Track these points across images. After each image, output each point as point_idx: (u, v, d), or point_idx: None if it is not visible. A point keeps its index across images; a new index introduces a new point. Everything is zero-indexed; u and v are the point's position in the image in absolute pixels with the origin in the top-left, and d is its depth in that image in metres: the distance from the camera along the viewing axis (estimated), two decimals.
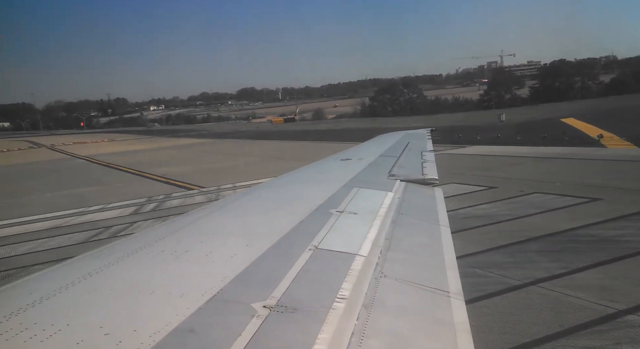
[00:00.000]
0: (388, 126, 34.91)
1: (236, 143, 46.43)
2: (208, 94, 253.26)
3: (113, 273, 2.13)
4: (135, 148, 48.28)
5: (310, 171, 5.74)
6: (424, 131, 9.37)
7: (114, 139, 71.12)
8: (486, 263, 7.09)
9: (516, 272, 6.64)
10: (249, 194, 4.19)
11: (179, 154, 37.79)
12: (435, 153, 6.52)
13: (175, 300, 1.79)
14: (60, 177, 26.71)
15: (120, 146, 53.77)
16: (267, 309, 1.73)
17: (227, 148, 40.67)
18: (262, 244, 2.46)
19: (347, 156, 6.37)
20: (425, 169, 5.12)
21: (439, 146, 21.71)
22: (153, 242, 2.54)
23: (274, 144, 41.51)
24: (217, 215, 3.41)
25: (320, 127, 60.24)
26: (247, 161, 28.00)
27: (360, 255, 2.40)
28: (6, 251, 10.47)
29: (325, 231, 2.74)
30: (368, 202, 3.58)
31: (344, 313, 1.77)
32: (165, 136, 69.25)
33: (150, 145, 51.91)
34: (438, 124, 35.73)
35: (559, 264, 6.82)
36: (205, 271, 2.15)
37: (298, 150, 32.35)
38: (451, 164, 17.36)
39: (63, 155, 46.71)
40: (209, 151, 38.08)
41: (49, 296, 1.82)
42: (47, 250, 10.24)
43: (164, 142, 55.94)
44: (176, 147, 45.41)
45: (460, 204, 10.86)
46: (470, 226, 9.07)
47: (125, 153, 41.76)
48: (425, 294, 2.16)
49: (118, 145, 56.74)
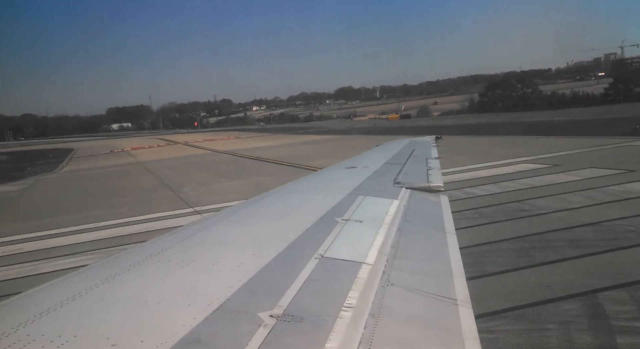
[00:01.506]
0: (525, 120, 33.43)
1: (369, 139, 42.51)
2: (307, 93, 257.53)
3: (120, 283, 2.13)
4: (269, 144, 46.34)
5: (315, 179, 5.74)
6: (429, 138, 9.36)
7: (239, 136, 70.65)
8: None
9: None
10: (254, 203, 4.19)
11: (319, 148, 35.99)
12: (616, 146, 6.22)
13: (181, 310, 1.79)
14: (228, 169, 26.44)
15: (252, 142, 52.20)
16: (273, 319, 1.72)
17: (364, 143, 36.95)
18: (268, 253, 2.46)
19: (352, 164, 6.37)
20: (430, 177, 5.10)
21: (617, 138, 20.77)
22: (159, 252, 2.54)
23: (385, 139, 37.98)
24: (223, 224, 3.41)
25: (446, 123, 55.63)
26: None
27: (367, 263, 2.39)
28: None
29: (331, 240, 2.73)
30: (374, 210, 3.57)
31: (351, 322, 1.76)
32: (286, 133, 67.38)
33: (280, 141, 49.79)
34: (581, 118, 34.23)
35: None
36: (211, 280, 2.15)
37: (465, 144, 28.39)
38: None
39: (204, 150, 46.38)
40: (347, 146, 35.22)
41: (56, 307, 1.82)
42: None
43: (290, 138, 53.60)
44: (310, 143, 43.04)
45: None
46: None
47: (264, 148, 40.29)
48: (432, 302, 2.14)
49: (248, 141, 55.36)
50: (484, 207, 11.09)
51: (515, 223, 9.60)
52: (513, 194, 12.21)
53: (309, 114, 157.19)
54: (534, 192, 12.09)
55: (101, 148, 70.12)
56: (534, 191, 12.28)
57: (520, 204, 11.02)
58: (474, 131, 37.66)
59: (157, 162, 37.21)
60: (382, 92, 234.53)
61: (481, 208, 11.01)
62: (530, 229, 9.03)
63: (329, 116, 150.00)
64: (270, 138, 58.68)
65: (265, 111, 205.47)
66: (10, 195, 25.70)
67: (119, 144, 78.22)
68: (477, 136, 33.25)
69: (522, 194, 12.04)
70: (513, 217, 10.07)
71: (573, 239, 8.18)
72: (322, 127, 77.93)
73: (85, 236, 12.47)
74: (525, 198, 11.52)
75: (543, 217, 9.81)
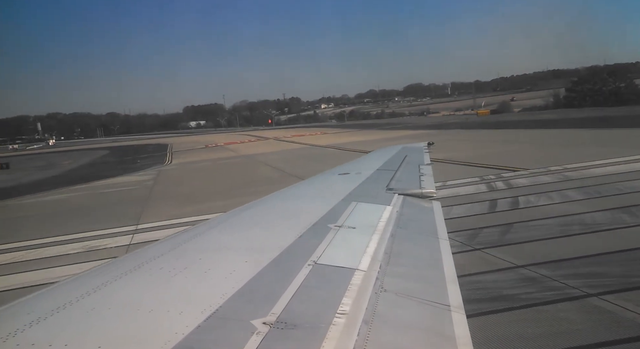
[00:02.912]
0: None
1: (473, 133, 41.75)
2: (375, 91, 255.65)
3: (111, 291, 2.11)
4: (362, 139, 45.14)
5: (308, 185, 5.74)
6: (422, 144, 9.41)
7: (326, 132, 70.60)
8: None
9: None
10: (247, 210, 4.18)
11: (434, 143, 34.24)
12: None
13: (174, 318, 1.78)
14: (344, 161, 25.53)
15: (345, 138, 51.27)
16: (267, 326, 1.72)
17: (472, 138, 36.41)
18: (261, 260, 2.45)
19: (345, 170, 6.38)
20: (423, 183, 5.13)
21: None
22: (152, 259, 2.53)
23: (524, 133, 36.15)
24: (216, 231, 3.39)
25: (550, 117, 52.98)
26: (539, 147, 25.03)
27: (360, 270, 2.39)
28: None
29: (324, 246, 2.73)
30: (367, 217, 3.57)
31: (344, 329, 1.76)
32: (371, 129, 66.88)
33: (374, 136, 48.55)
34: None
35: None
36: (204, 287, 2.13)
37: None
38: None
39: (302, 145, 46.68)
40: (457, 140, 34.27)
41: (47, 316, 1.80)
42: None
43: (382, 134, 52.40)
44: (408, 137, 40.89)
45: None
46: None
47: (365, 143, 39.08)
48: (426, 308, 2.14)
49: (341, 137, 54.53)
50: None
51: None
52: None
53: (380, 111, 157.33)
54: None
55: (193, 143, 71.53)
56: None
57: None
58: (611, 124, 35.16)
59: (262, 155, 37.46)
60: (453, 88, 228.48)
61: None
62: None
63: (401, 113, 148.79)
64: (360, 134, 57.72)
65: (334, 109, 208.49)
66: (146, 183, 26.37)
67: (208, 139, 79.70)
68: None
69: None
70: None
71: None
72: (406, 123, 77.16)
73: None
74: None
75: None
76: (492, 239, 9.00)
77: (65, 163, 57.79)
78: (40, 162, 63.52)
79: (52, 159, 68.91)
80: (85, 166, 50.77)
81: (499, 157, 20.90)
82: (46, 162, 61.35)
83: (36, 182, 35.84)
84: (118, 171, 37.31)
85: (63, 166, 53.75)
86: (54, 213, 19.21)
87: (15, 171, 51.23)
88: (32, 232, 14.59)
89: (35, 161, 65.80)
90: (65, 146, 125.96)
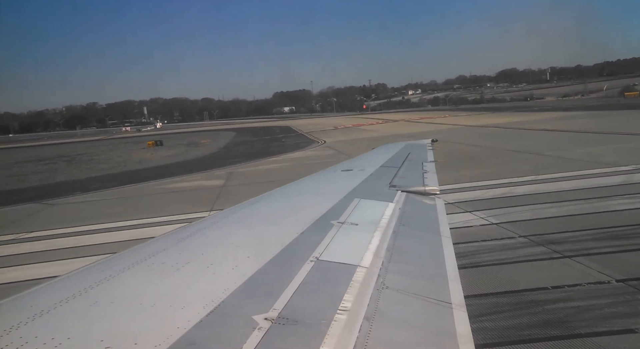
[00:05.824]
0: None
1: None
2: (465, 77, 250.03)
3: (114, 285, 2.12)
4: (517, 120, 43.77)
5: (311, 182, 5.74)
6: (425, 141, 9.39)
7: (457, 115, 70.14)
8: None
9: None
10: (250, 205, 4.19)
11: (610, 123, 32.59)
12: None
13: (176, 312, 1.78)
14: (541, 140, 25.58)
15: (486, 119, 50.79)
16: (268, 322, 1.72)
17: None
18: (264, 256, 2.46)
19: (348, 166, 6.38)
20: (426, 180, 5.12)
21: None
22: (154, 254, 2.53)
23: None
24: (219, 227, 3.40)
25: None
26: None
27: (362, 266, 2.39)
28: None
29: (326, 242, 2.73)
30: (369, 213, 3.57)
31: (345, 325, 1.76)
32: (501, 112, 65.14)
33: (518, 118, 47.12)
34: None
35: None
36: (206, 282, 2.14)
37: None
38: None
39: (450, 125, 46.63)
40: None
41: (50, 309, 1.81)
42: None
43: (526, 116, 50.26)
44: (571, 117, 39.82)
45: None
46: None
47: (520, 123, 38.23)
48: (427, 305, 2.14)
49: (479, 118, 54.37)
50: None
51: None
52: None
53: (479, 97, 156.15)
54: None
55: (313, 126, 71.68)
56: None
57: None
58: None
59: (427, 134, 34.73)
60: (552, 74, 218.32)
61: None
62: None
63: (501, 98, 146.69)
64: (491, 116, 56.43)
65: (422, 95, 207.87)
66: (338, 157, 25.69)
67: (326, 122, 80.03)
68: None
69: None
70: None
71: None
72: (541, 106, 73.60)
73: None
74: None
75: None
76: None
77: (203, 142, 58.56)
78: (180, 141, 64.23)
79: (188, 138, 69.53)
80: (233, 144, 51.00)
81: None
82: (187, 141, 62.08)
83: (219, 156, 37.37)
84: (282, 149, 37.13)
85: (206, 145, 53.93)
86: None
87: (170, 147, 51.94)
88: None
89: (173, 140, 66.12)
90: (171, 129, 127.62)
